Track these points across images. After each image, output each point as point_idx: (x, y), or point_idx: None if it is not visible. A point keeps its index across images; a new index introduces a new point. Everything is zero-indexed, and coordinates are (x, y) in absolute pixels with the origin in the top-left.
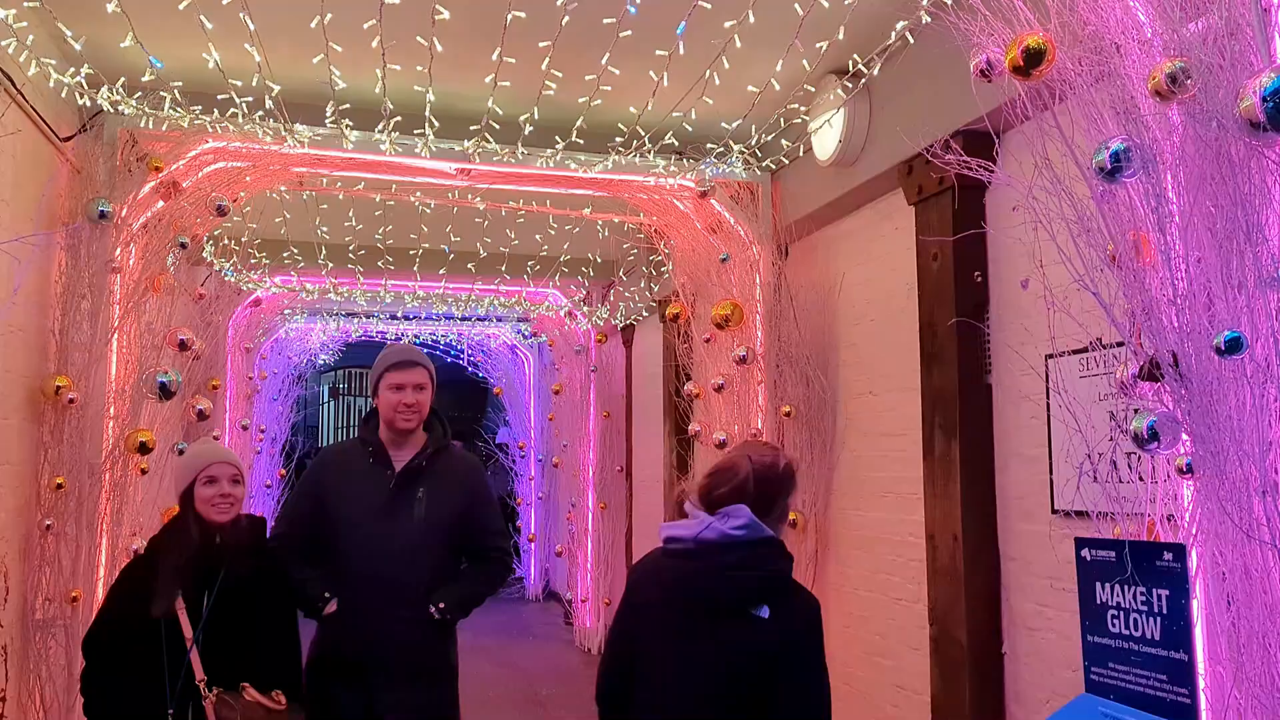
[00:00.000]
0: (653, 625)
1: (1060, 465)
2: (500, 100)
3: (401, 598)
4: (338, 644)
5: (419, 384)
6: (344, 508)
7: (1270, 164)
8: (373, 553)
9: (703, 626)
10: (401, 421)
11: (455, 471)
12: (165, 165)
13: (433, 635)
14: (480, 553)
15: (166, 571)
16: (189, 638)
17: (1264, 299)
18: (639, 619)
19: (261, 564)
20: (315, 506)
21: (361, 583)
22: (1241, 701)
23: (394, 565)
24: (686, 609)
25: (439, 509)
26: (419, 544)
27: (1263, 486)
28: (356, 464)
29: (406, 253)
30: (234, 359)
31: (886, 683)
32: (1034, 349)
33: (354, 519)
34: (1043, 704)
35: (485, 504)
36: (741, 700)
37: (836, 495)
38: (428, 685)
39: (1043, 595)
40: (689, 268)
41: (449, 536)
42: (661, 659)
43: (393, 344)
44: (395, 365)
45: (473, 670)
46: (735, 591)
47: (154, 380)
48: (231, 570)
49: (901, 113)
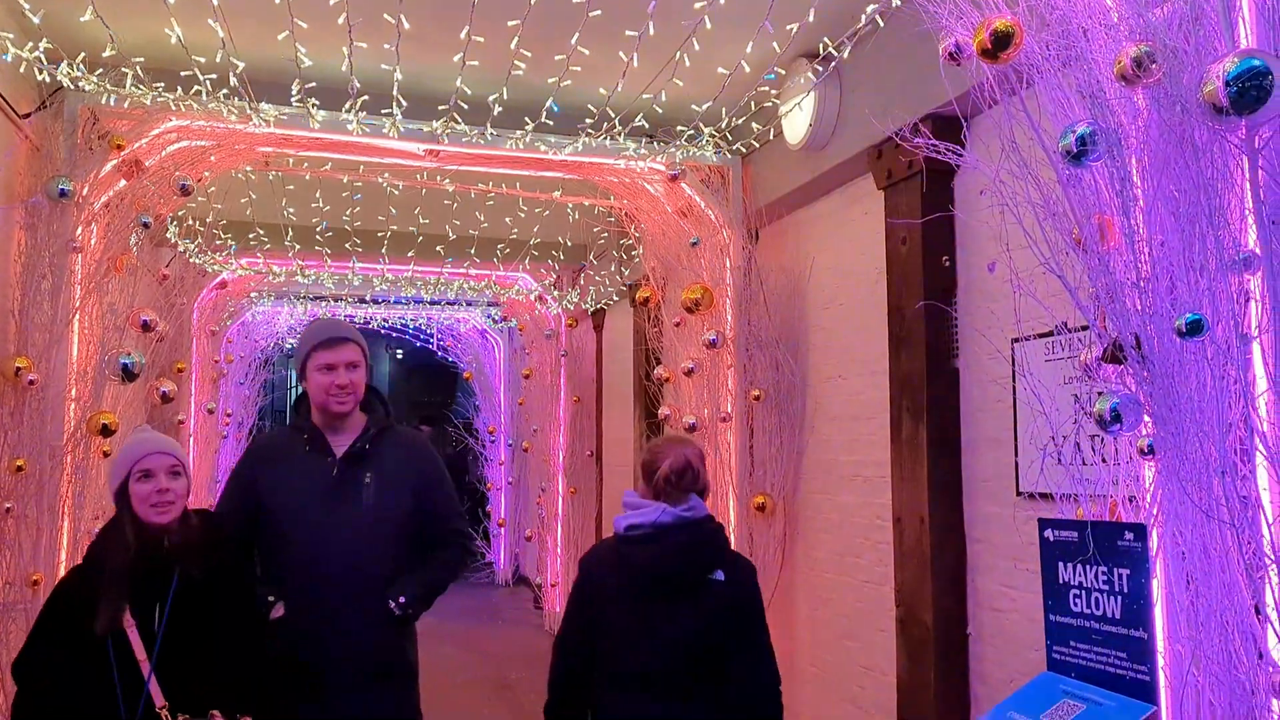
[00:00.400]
0: (618, 606)
1: (1025, 448)
2: (469, 80)
3: (356, 594)
4: (289, 651)
5: (351, 362)
6: (284, 502)
7: (1232, 148)
8: (320, 548)
9: (668, 598)
10: (335, 405)
11: (403, 453)
12: (127, 143)
13: (393, 633)
14: (437, 539)
15: (106, 584)
16: (143, 659)
17: (1225, 282)
18: (601, 603)
19: (217, 561)
20: (249, 504)
21: (310, 582)
22: (1200, 679)
23: (345, 560)
24: (653, 586)
25: (389, 495)
26: (370, 534)
27: (1222, 466)
28: (293, 454)
29: (374, 235)
30: (200, 342)
31: (853, 664)
32: (1000, 333)
33: (296, 513)
34: (1006, 684)
35: (439, 485)
36: (708, 651)
37: (805, 479)
38: (390, 688)
39: (1008, 577)
40: (659, 251)
41: (402, 524)
42: (632, 632)
43: (318, 319)
44: (323, 343)
45: (441, 655)
46: (697, 563)
47: (116, 362)
48: (184, 576)
49: (871, 97)
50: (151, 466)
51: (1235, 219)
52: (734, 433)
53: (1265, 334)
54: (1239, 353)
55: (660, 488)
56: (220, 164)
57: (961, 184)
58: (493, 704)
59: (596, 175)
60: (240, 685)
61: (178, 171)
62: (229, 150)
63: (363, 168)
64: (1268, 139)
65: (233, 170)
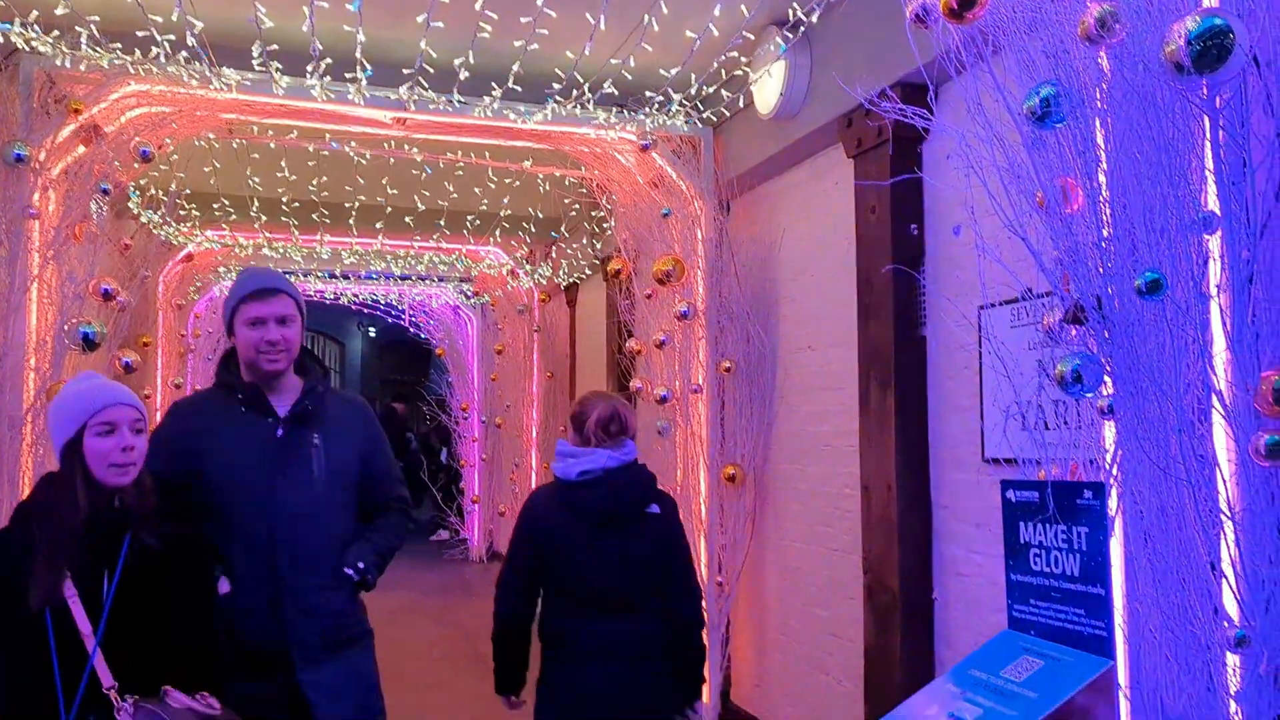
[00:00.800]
0: (571, 540)
1: (991, 415)
2: (434, 42)
3: (312, 563)
4: (241, 629)
5: (282, 316)
6: (223, 467)
7: (1194, 108)
8: (269, 516)
9: (614, 530)
10: (266, 363)
11: (348, 415)
12: (85, 107)
13: (352, 600)
14: (380, 504)
15: (46, 550)
16: (87, 634)
17: (1185, 242)
18: (551, 540)
19: (174, 529)
20: (181, 470)
21: (260, 554)
22: (1156, 634)
23: (298, 528)
24: (603, 521)
25: (339, 457)
26: (323, 500)
27: (1179, 425)
28: (225, 415)
29: (342, 206)
30: (166, 316)
31: (822, 632)
32: (967, 301)
33: (239, 479)
34: (971, 647)
35: (384, 450)
36: (648, 572)
37: (775, 450)
38: (352, 656)
39: (972, 542)
40: (631, 223)
41: (350, 488)
42: (586, 562)
43: (248, 268)
44: (251, 295)
45: (415, 630)
46: (639, 499)
47: (77, 331)
48: (137, 541)
49: (841, 64)
50: (115, 419)
51: (1196, 179)
52: (705, 404)
53: (1223, 293)
54: (1198, 312)
55: (593, 436)
56: (182, 131)
57: (930, 152)
58: (465, 677)
59: (567, 145)
60: (198, 660)
61: (138, 138)
62: (190, 116)
63: (329, 136)
64: (1228, 99)
65: (195, 138)
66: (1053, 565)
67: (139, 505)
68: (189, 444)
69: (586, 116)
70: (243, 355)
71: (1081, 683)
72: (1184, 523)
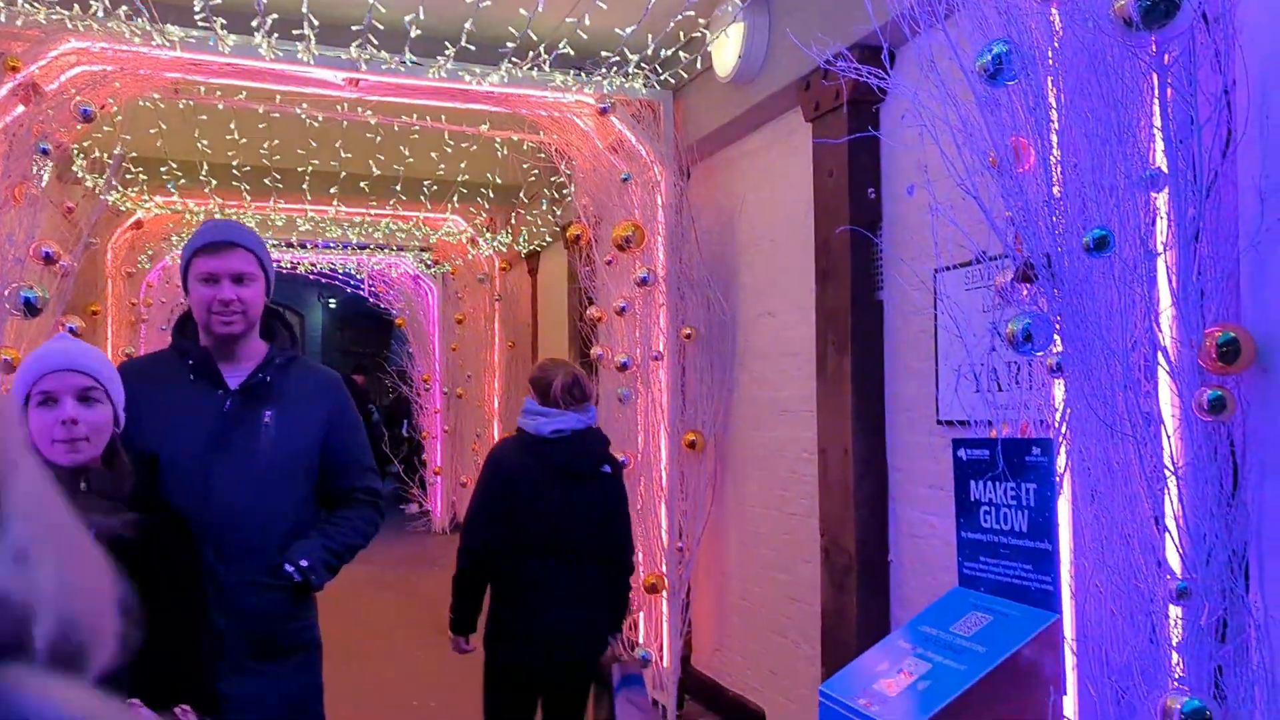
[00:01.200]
0: (535, 490)
1: (945, 377)
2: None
3: (248, 557)
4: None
5: (240, 274)
6: (156, 440)
7: (1142, 65)
8: (204, 499)
9: (574, 483)
10: (219, 325)
11: (311, 388)
12: (23, 65)
13: (292, 603)
14: (344, 494)
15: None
16: None
17: (1132, 199)
18: (516, 488)
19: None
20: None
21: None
22: (1102, 588)
23: (234, 517)
24: (565, 473)
25: (293, 438)
26: (268, 484)
27: (1125, 382)
28: (173, 382)
29: (295, 171)
30: (116, 284)
31: (780, 595)
32: (923, 264)
33: (174, 454)
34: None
35: (351, 430)
36: (600, 523)
37: (735, 416)
38: (288, 669)
39: (927, 504)
40: (591, 189)
41: (306, 474)
42: (544, 510)
43: (209, 220)
44: (205, 248)
45: (379, 601)
46: (597, 458)
47: (18, 295)
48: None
49: (799, 26)
50: (53, 388)
51: (1145, 137)
52: (665, 371)
53: (1170, 251)
54: (1144, 270)
55: (560, 400)
56: (125, 90)
57: (887, 115)
58: (427, 648)
59: (524, 108)
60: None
61: (79, 97)
62: (133, 75)
63: (279, 98)
64: (1176, 56)
65: (140, 98)
66: (1002, 522)
67: (114, 489)
68: (128, 414)
69: (544, 79)
70: (196, 316)
71: (1028, 636)
72: (1129, 478)
